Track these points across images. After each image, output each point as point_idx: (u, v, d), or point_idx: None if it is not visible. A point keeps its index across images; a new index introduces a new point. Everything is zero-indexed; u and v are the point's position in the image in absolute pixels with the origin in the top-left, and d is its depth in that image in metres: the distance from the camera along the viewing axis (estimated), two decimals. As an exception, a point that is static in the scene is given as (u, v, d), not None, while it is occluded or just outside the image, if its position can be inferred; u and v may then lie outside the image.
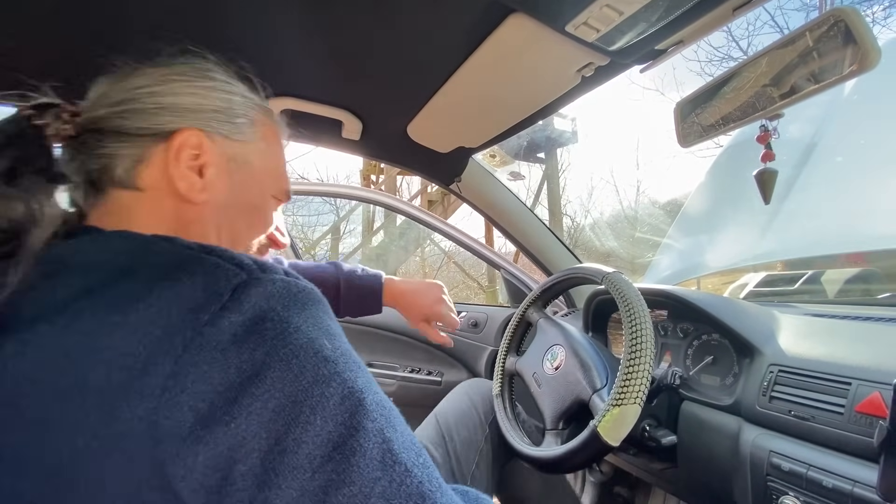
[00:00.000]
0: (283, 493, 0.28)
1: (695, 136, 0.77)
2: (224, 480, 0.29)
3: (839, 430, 0.67)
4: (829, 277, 1.28)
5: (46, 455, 0.30)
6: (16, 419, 0.31)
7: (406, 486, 0.31)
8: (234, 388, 0.29)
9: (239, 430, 0.29)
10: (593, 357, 0.89)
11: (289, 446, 0.29)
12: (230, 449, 0.29)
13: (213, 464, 0.29)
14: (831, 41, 0.58)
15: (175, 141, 0.44)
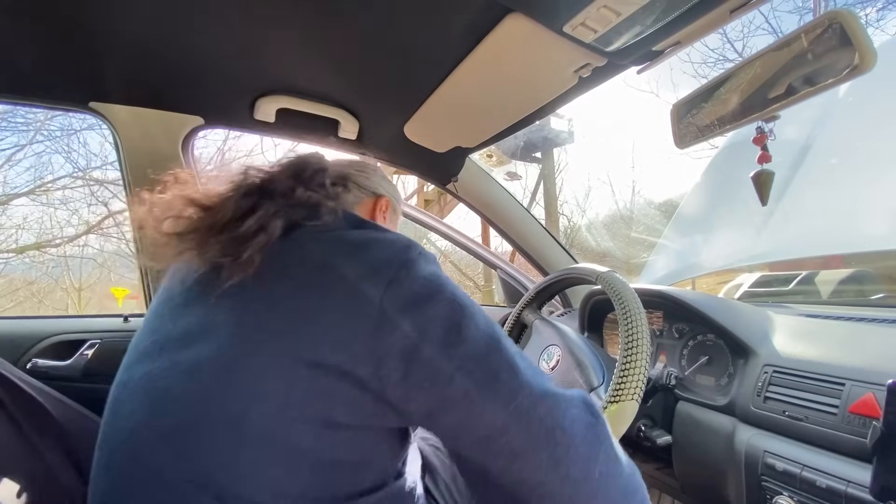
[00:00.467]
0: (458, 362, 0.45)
1: (691, 137, 0.78)
2: (415, 349, 0.44)
3: (833, 431, 0.68)
4: (823, 278, 1.29)
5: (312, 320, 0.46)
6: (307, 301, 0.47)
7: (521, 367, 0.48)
8: (421, 298, 0.46)
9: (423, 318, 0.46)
10: (589, 356, 0.89)
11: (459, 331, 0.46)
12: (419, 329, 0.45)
13: (412, 331, 0.45)
14: (827, 43, 0.58)
15: (382, 200, 0.75)
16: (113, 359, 1.05)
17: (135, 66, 0.81)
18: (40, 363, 1.01)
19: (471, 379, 0.45)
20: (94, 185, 6.25)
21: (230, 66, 0.82)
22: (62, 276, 6.72)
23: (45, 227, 6.45)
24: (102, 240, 6.44)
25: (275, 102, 0.92)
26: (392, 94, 0.92)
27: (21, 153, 5.97)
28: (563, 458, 0.45)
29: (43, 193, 6.22)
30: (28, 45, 0.73)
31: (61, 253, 6.45)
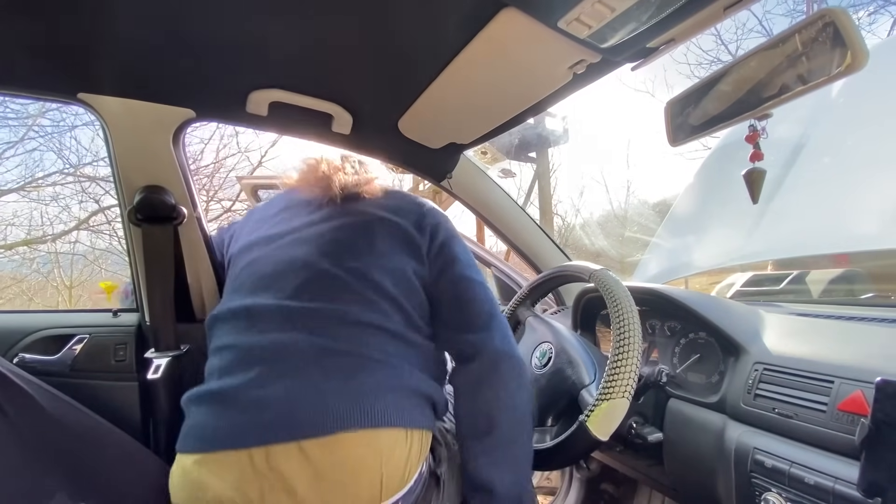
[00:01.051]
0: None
1: (684, 134, 0.78)
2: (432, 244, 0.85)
3: (822, 428, 0.68)
4: (813, 278, 1.30)
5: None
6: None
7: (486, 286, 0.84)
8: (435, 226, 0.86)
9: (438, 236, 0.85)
10: (582, 354, 0.89)
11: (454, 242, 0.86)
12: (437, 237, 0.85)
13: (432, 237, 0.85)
14: (820, 42, 0.59)
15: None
16: (102, 354, 1.05)
17: (125, 57, 0.79)
18: (28, 358, 1.00)
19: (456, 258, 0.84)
20: (86, 181, 6.19)
21: (222, 59, 0.81)
22: (52, 273, 6.65)
23: (36, 223, 6.39)
24: (94, 236, 6.38)
25: (267, 96, 0.92)
26: (386, 89, 0.92)
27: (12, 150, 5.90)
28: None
29: (34, 189, 6.15)
30: (16, 34, 0.72)
31: (52, 249, 6.39)
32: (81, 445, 0.81)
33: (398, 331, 0.77)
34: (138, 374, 1.02)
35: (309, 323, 0.74)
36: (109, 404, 0.98)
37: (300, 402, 0.68)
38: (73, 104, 0.90)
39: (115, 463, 0.86)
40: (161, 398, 1.01)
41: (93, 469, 0.80)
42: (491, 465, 0.72)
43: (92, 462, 0.81)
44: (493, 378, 0.75)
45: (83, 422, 0.87)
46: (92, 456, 0.83)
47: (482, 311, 0.80)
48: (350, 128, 1.03)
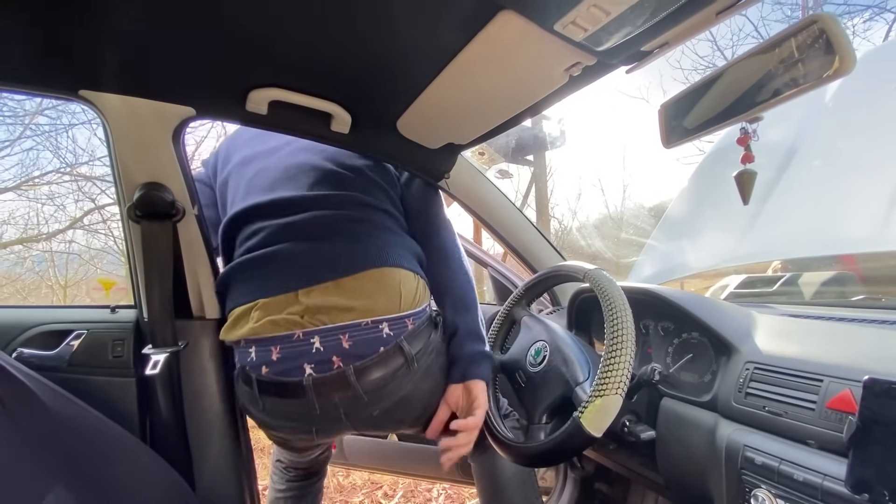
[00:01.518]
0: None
1: (678, 136, 0.79)
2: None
3: (810, 426, 0.69)
4: (806, 280, 1.32)
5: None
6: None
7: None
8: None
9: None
10: (576, 352, 0.90)
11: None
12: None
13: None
14: (810, 46, 0.60)
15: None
16: (99, 349, 1.05)
17: (126, 54, 0.80)
18: (26, 353, 1.00)
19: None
20: (82, 180, 6.17)
21: (222, 57, 0.82)
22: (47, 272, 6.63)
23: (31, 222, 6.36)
24: (89, 236, 6.36)
25: (267, 94, 0.92)
26: (385, 89, 0.93)
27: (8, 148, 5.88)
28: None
29: (30, 188, 6.14)
30: (19, 30, 0.72)
31: (47, 248, 6.37)
32: (79, 439, 0.82)
33: (392, 211, 1.05)
34: (136, 371, 1.03)
35: (331, 204, 0.98)
36: (107, 400, 0.98)
37: (334, 255, 0.93)
38: (75, 101, 0.90)
39: (112, 457, 0.87)
40: (158, 394, 1.01)
41: (90, 462, 0.81)
42: (454, 313, 1.01)
43: (89, 455, 0.82)
44: (446, 254, 1.06)
45: (81, 416, 0.87)
46: (89, 450, 0.83)
47: (438, 213, 1.13)
48: (349, 127, 1.04)
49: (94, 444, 0.85)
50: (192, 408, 1.06)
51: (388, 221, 1.03)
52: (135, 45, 0.77)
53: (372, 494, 2.49)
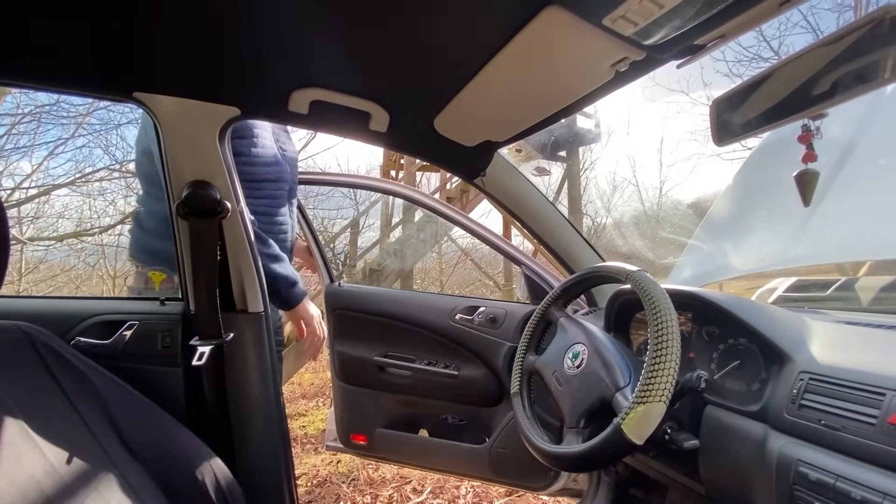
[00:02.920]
0: None
1: (730, 134, 0.76)
2: None
3: (870, 442, 0.65)
4: (863, 284, 1.23)
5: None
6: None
7: None
8: None
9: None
10: (616, 356, 0.88)
11: None
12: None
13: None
14: (880, 39, 0.56)
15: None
16: (149, 340, 1.10)
17: (178, 56, 0.83)
18: (83, 341, 1.06)
19: None
20: (131, 176, 6.49)
21: (267, 58, 0.84)
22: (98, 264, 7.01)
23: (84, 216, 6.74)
24: (136, 228, 6.67)
25: (309, 94, 0.94)
26: (424, 87, 0.93)
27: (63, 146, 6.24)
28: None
29: (83, 184, 6.50)
30: (75, 35, 0.76)
31: (98, 241, 6.73)
32: (131, 424, 0.86)
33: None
34: (183, 360, 1.07)
35: None
36: (156, 387, 1.03)
37: None
38: (128, 102, 0.95)
39: (162, 440, 0.91)
40: (204, 383, 1.05)
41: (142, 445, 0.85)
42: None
43: (141, 439, 0.86)
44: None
45: (132, 402, 0.92)
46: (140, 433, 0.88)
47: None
48: (387, 126, 1.05)
49: (145, 430, 0.90)
50: (234, 397, 1.10)
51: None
52: (186, 46, 0.80)
53: (401, 489, 2.52)
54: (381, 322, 1.62)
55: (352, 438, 1.68)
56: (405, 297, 1.68)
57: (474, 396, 1.56)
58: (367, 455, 1.72)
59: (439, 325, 1.56)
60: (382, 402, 1.65)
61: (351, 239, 7.88)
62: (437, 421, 1.65)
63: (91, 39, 0.77)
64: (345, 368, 1.66)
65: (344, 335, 1.65)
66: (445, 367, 1.56)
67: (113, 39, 0.77)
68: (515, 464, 1.50)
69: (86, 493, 0.69)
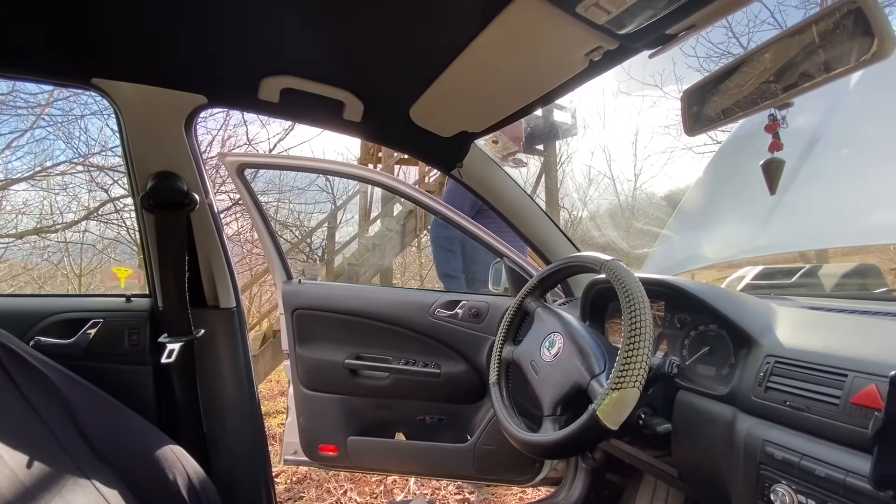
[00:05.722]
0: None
1: (701, 124, 0.77)
2: None
3: (833, 421, 0.68)
4: (826, 271, 1.29)
5: None
6: None
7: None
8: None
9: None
10: (591, 344, 0.89)
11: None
12: None
13: None
14: (845, 29, 0.57)
15: None
16: (116, 338, 1.06)
17: (138, 42, 0.79)
18: (43, 341, 1.02)
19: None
20: (94, 170, 6.23)
21: (235, 44, 0.81)
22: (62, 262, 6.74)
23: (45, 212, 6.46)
24: (102, 226, 6.44)
25: (279, 82, 0.91)
26: (398, 76, 0.91)
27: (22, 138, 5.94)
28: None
29: (43, 178, 6.21)
30: (30, 17, 0.72)
31: (61, 238, 6.46)
32: (97, 426, 0.83)
33: None
34: (152, 359, 1.04)
35: None
36: (124, 387, 0.99)
37: None
38: (87, 90, 0.90)
39: (130, 442, 0.88)
40: (174, 382, 1.02)
41: (109, 447, 0.82)
42: None
43: (108, 441, 0.83)
44: None
45: (97, 403, 0.88)
46: (108, 435, 0.85)
47: None
48: (361, 115, 1.03)
49: (111, 430, 0.87)
50: (207, 395, 1.08)
51: None
52: (147, 31, 0.76)
53: (384, 480, 2.52)
54: (349, 321, 1.53)
55: (319, 450, 1.56)
56: (376, 293, 1.61)
57: (457, 394, 1.53)
58: (338, 466, 1.61)
59: (417, 321, 1.51)
60: (353, 407, 1.55)
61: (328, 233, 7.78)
62: (414, 422, 1.58)
63: (45, 22, 0.73)
64: (309, 374, 1.54)
65: (306, 338, 1.53)
66: (426, 366, 1.51)
67: (69, 22, 0.73)
68: (501, 459, 1.49)
69: (48, 497, 0.66)
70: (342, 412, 1.55)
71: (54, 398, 0.80)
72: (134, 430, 0.92)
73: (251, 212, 1.54)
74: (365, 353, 1.53)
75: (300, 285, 1.57)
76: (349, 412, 1.56)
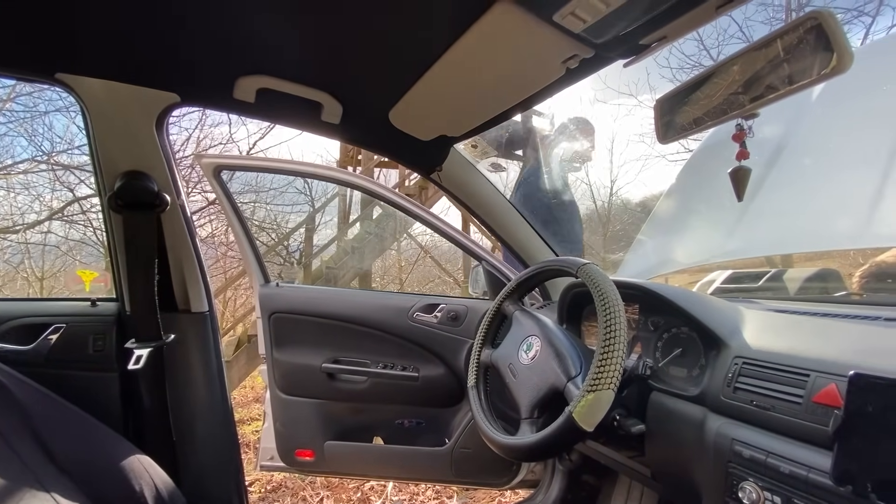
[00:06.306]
0: None
1: (673, 132, 0.79)
2: None
3: (797, 420, 0.70)
4: (790, 275, 1.34)
5: None
6: None
7: None
8: None
9: None
10: (568, 347, 0.90)
11: None
12: None
13: None
14: (807, 43, 0.60)
15: None
16: (79, 344, 1.02)
17: (106, 36, 0.77)
18: (0, 347, 0.97)
19: None
20: (60, 169, 5.99)
21: (209, 42, 0.79)
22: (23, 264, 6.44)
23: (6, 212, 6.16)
24: (67, 227, 6.19)
25: (255, 82, 0.90)
26: (378, 78, 0.91)
27: (-21, 133, 5.67)
28: None
29: (4, 177, 5.93)
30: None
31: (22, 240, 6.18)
32: (59, 436, 0.79)
33: None
34: (118, 365, 1.00)
35: None
36: (88, 395, 0.95)
37: None
38: (52, 85, 0.87)
39: (95, 453, 0.85)
40: (142, 389, 0.99)
41: (72, 459, 0.78)
42: None
43: (71, 452, 0.79)
44: None
45: (58, 412, 0.84)
46: (70, 446, 0.81)
47: None
48: (340, 117, 1.02)
49: (74, 440, 0.83)
50: (177, 403, 1.04)
51: None
52: (115, 26, 0.74)
53: (361, 487, 2.48)
54: (327, 325, 1.51)
55: (296, 455, 1.54)
56: (354, 297, 1.60)
57: (435, 397, 1.53)
58: (315, 472, 1.59)
59: (396, 325, 1.50)
60: (330, 411, 1.54)
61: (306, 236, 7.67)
62: (392, 426, 1.57)
63: (7, 13, 0.69)
64: (286, 378, 1.53)
65: (283, 342, 1.51)
66: (404, 370, 1.51)
67: (33, 14, 0.70)
68: (478, 463, 1.49)
69: None
70: (319, 417, 1.53)
71: (11, 407, 0.76)
72: (98, 439, 0.88)
73: (228, 214, 1.51)
74: (343, 356, 1.52)
75: (278, 289, 1.55)
76: (326, 417, 1.54)
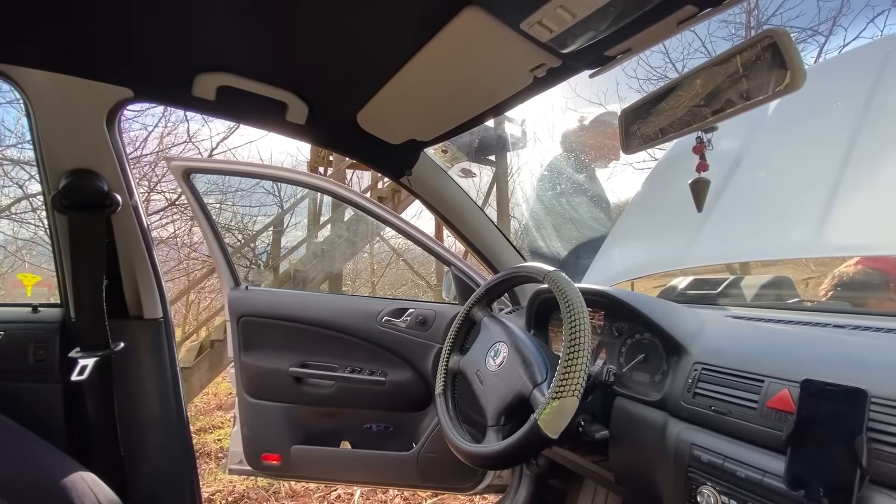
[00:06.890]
0: None
1: (637, 143, 0.81)
2: None
3: (752, 424, 0.72)
4: (747, 282, 1.40)
5: None
6: None
7: None
8: None
9: None
10: (535, 353, 0.90)
11: None
12: None
13: None
14: (763, 61, 0.62)
15: None
16: (19, 353, 0.95)
17: (52, 25, 0.72)
18: None
19: None
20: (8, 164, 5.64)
21: (166, 36, 0.76)
22: (-35, 263, 6.01)
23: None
24: (15, 225, 5.82)
25: (216, 79, 0.86)
26: (345, 79, 0.89)
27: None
28: None
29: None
30: None
31: (-37, 237, 5.77)
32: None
33: None
34: (62, 376, 0.93)
35: None
36: (27, 408, 0.89)
37: None
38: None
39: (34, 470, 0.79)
40: (87, 401, 0.92)
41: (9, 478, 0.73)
42: None
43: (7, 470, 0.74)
44: None
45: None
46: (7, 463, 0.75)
47: None
48: (306, 118, 0.99)
49: (10, 458, 0.77)
50: (126, 415, 0.98)
51: None
52: (62, 14, 0.69)
53: (327, 497, 2.42)
54: (295, 329, 1.50)
55: (263, 459, 1.53)
56: (323, 301, 1.58)
57: (402, 402, 1.52)
58: (282, 476, 1.58)
59: (364, 329, 1.50)
60: (298, 415, 1.52)
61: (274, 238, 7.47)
62: (360, 430, 1.57)
63: None
64: (253, 382, 1.51)
65: (251, 345, 1.50)
66: (371, 374, 1.50)
67: None
68: (444, 467, 1.49)
69: None
70: (287, 421, 1.52)
71: None
72: (37, 456, 0.82)
73: (198, 218, 1.49)
74: (311, 360, 1.51)
75: (247, 292, 1.54)
76: (294, 421, 1.53)
